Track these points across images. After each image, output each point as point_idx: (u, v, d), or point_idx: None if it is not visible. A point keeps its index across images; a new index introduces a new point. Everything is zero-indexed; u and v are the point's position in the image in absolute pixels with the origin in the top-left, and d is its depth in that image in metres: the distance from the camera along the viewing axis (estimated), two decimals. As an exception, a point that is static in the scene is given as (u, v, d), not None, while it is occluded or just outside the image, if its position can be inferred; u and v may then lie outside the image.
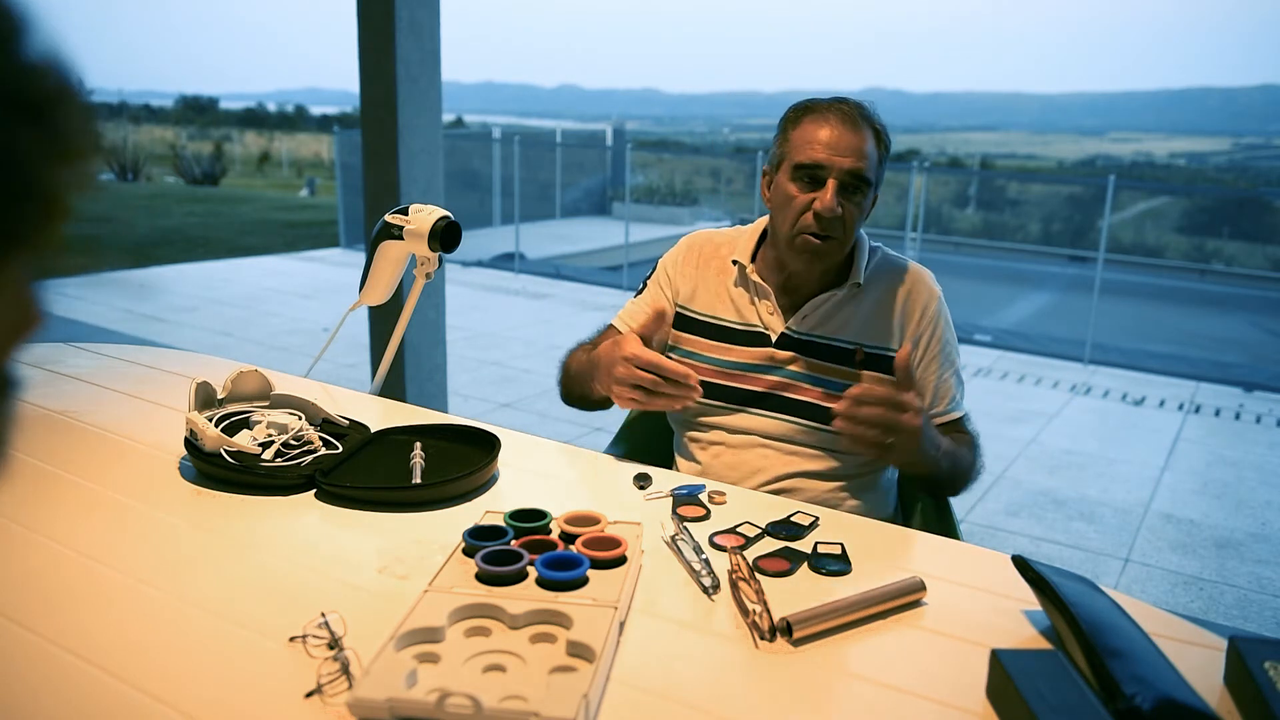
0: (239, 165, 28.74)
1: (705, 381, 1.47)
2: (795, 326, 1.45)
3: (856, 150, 1.34)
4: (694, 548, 1.04)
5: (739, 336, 1.48)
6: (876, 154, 1.38)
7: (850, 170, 1.34)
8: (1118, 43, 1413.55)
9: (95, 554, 1.02)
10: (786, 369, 1.45)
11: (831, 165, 1.34)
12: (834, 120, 1.36)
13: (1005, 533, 3.36)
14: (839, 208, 1.34)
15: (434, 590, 0.92)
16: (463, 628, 0.87)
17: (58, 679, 0.80)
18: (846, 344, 1.43)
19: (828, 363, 1.43)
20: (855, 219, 1.38)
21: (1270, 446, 4.48)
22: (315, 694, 0.78)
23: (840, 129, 1.35)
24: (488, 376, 5.19)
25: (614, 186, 13.06)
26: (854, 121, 1.36)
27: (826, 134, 1.35)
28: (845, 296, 1.44)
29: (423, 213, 1.52)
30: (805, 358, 1.44)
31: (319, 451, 1.29)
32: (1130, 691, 0.75)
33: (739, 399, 1.46)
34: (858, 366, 1.43)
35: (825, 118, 1.36)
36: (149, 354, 1.84)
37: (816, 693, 0.83)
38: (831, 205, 1.34)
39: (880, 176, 1.41)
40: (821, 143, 1.35)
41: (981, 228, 12.32)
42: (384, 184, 3.46)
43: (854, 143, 1.35)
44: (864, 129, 1.36)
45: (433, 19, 3.44)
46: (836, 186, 1.34)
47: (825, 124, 1.36)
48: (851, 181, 1.35)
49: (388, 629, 0.84)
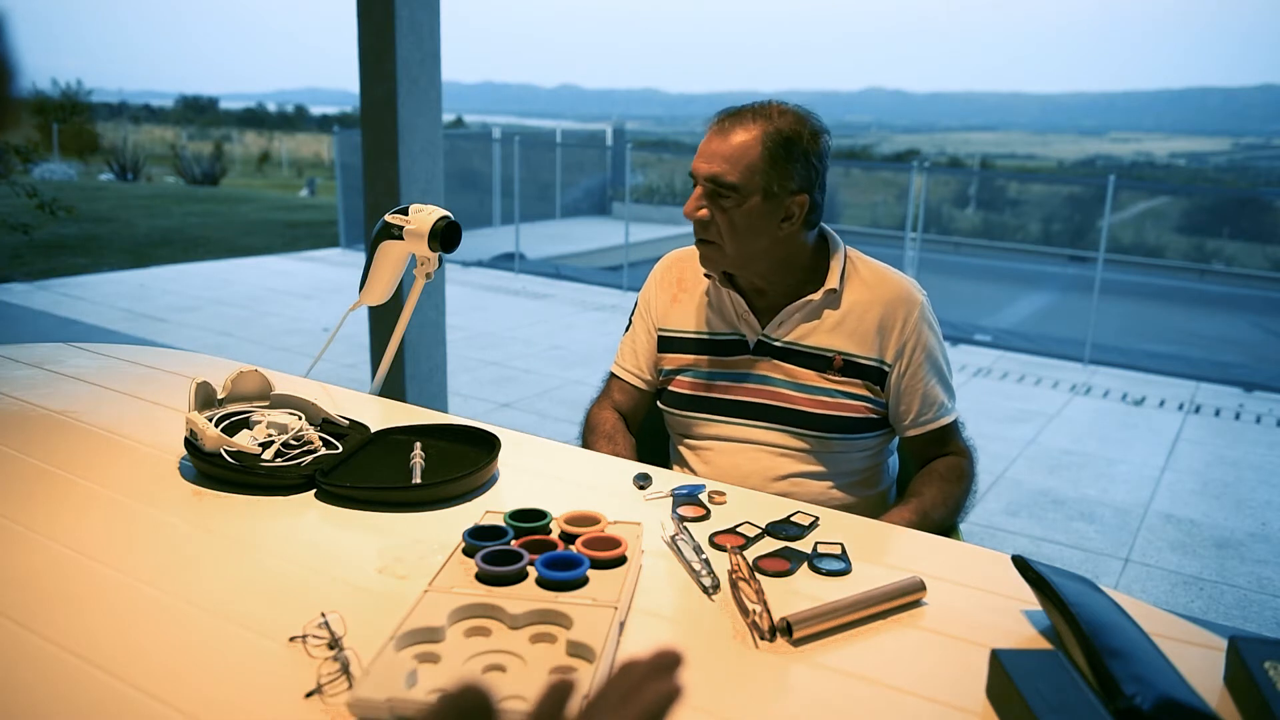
0: (239, 165, 28.74)
1: (692, 394, 1.49)
2: (771, 334, 1.46)
3: (715, 155, 1.35)
4: (694, 548, 1.04)
5: (719, 347, 1.50)
6: (758, 155, 1.33)
7: (706, 176, 1.36)
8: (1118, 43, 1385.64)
9: (95, 554, 1.02)
10: (768, 377, 1.46)
11: (697, 173, 1.38)
12: (714, 128, 1.38)
13: (1005, 533, 3.36)
14: (700, 212, 1.37)
15: (434, 590, 0.92)
16: (463, 628, 0.87)
17: (58, 679, 0.80)
18: (824, 352, 1.44)
19: (807, 369, 1.44)
20: (728, 224, 1.36)
21: (1270, 446, 4.48)
22: (315, 694, 0.78)
23: (710, 137, 1.38)
24: (488, 376, 5.19)
25: (614, 186, 13.06)
26: (726, 127, 1.36)
27: (703, 143, 1.39)
28: (821, 302, 1.44)
29: (423, 213, 1.52)
30: (783, 364, 1.45)
31: (319, 451, 1.29)
32: (1130, 691, 0.75)
33: (725, 409, 1.47)
34: (836, 373, 1.43)
35: (711, 126, 1.39)
36: (149, 354, 1.84)
37: (816, 693, 0.83)
38: (688, 211, 1.38)
39: (774, 179, 1.34)
40: (699, 151, 1.39)
41: (981, 228, 12.31)
42: (384, 184, 3.47)
43: (716, 149, 1.36)
44: (741, 133, 1.34)
45: (433, 19, 3.44)
46: (702, 193, 1.37)
47: (709, 132, 1.39)
48: (712, 188, 1.36)
49: (388, 629, 0.84)
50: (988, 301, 9.45)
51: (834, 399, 1.42)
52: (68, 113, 25.47)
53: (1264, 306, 9.43)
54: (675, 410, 1.53)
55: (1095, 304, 5.98)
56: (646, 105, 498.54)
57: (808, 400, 1.43)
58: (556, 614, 0.88)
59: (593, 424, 1.56)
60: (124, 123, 36.75)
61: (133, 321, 6.24)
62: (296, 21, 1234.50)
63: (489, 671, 0.81)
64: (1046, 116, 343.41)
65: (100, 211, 11.69)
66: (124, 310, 6.57)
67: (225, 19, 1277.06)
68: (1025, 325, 8.01)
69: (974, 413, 4.67)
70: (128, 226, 10.73)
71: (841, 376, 1.43)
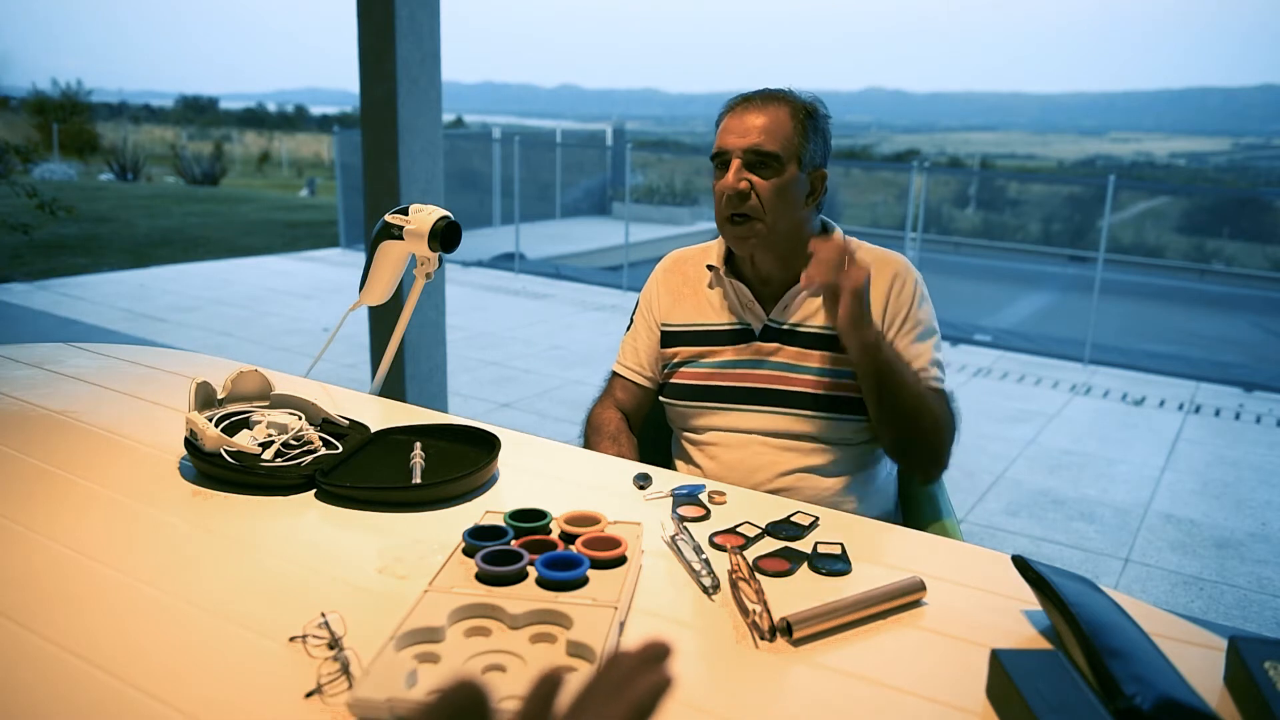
0: (239, 165, 28.74)
1: (697, 384, 1.49)
2: (776, 317, 1.48)
3: (754, 128, 1.39)
4: (694, 548, 1.04)
5: (723, 337, 1.50)
6: (791, 127, 1.39)
7: (748, 148, 1.39)
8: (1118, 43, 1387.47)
9: (95, 554, 1.02)
10: (774, 361, 1.47)
11: (732, 148, 1.40)
12: (738, 108, 1.42)
13: (1005, 533, 3.36)
14: (741, 184, 1.39)
15: (434, 590, 0.92)
16: (463, 628, 0.87)
17: (58, 679, 0.80)
18: (828, 330, 1.45)
19: (812, 349, 1.45)
20: (771, 193, 1.39)
21: (1270, 446, 4.48)
22: (315, 694, 0.78)
23: (741, 114, 1.41)
24: (488, 376, 5.19)
25: (614, 186, 13.06)
26: (754, 103, 1.41)
27: (729, 122, 1.42)
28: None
29: (423, 213, 1.52)
30: (790, 347, 1.46)
31: (319, 451, 1.29)
32: (1130, 691, 0.75)
33: (731, 397, 1.47)
34: (841, 349, 1.44)
35: (732, 109, 1.43)
36: (149, 354, 1.84)
37: (816, 693, 0.83)
38: (730, 183, 1.39)
39: (806, 150, 1.40)
40: (726, 130, 1.42)
41: (981, 228, 12.32)
42: (384, 184, 3.47)
43: (753, 122, 1.39)
44: (771, 108, 1.40)
45: (433, 19, 3.44)
46: (740, 165, 1.39)
47: (731, 114, 1.42)
48: (754, 159, 1.39)
49: (388, 629, 0.84)
50: (988, 301, 9.46)
51: (839, 379, 1.43)
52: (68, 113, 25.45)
53: (1264, 306, 9.43)
54: (678, 401, 1.52)
55: (1095, 304, 5.98)
56: (646, 105, 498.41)
57: (813, 381, 1.44)
58: (556, 614, 0.88)
59: (596, 424, 1.56)
60: (124, 123, 36.76)
61: (133, 321, 6.24)
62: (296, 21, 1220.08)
63: (489, 671, 0.81)
64: (1046, 116, 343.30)
65: (100, 211, 11.70)
66: (124, 310, 6.57)
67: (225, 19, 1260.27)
68: (1025, 325, 8.01)
69: (974, 413, 4.67)
70: (128, 226, 10.73)
71: (845, 353, 1.43)
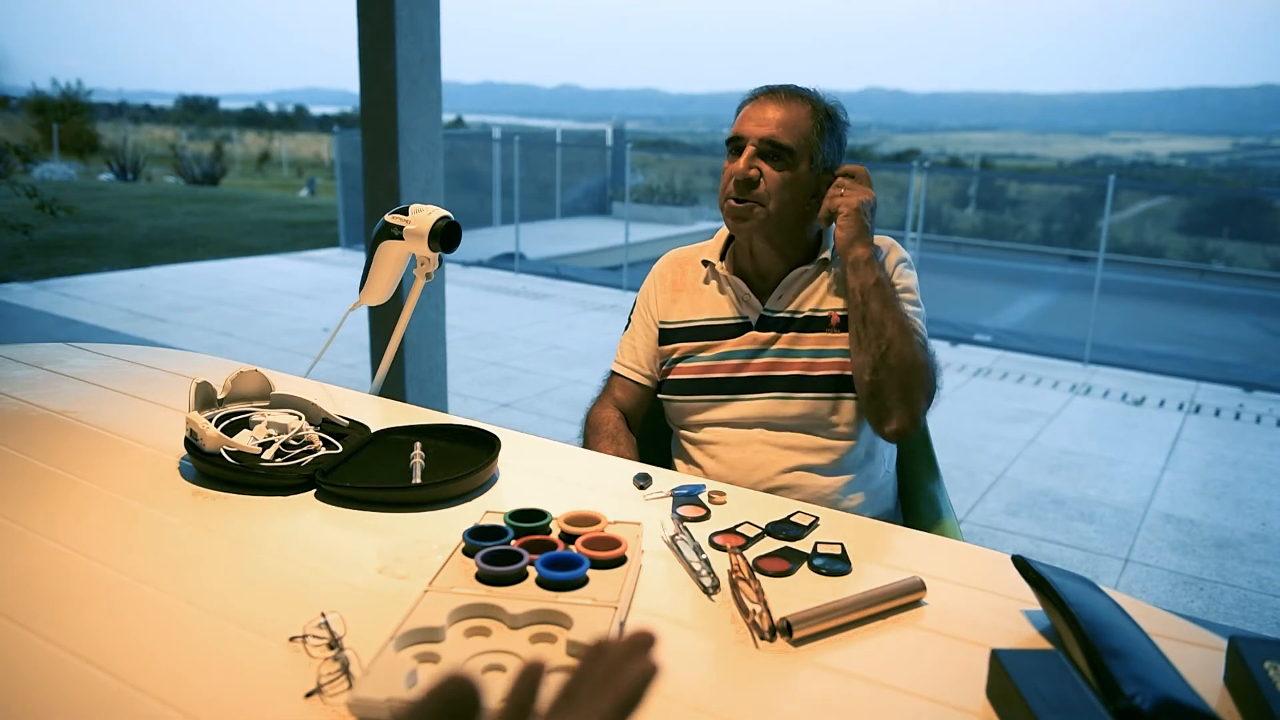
0: (239, 165, 28.74)
1: (696, 378, 1.49)
2: (772, 306, 1.50)
3: (773, 120, 1.42)
4: (694, 548, 1.04)
5: (722, 331, 1.52)
6: (810, 125, 1.43)
7: (764, 137, 1.41)
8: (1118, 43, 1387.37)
9: (95, 554, 1.02)
10: (771, 349, 1.48)
11: (748, 135, 1.43)
12: (761, 98, 1.45)
13: (1005, 533, 3.36)
14: (751, 170, 1.42)
15: (434, 590, 0.92)
16: (463, 628, 0.87)
17: (58, 679, 0.80)
18: (820, 312, 1.48)
19: (806, 333, 1.48)
20: (778, 184, 1.42)
21: (1270, 446, 4.48)
22: (315, 694, 0.78)
23: (763, 104, 1.44)
24: (488, 376, 5.19)
25: (614, 186, 13.06)
26: (778, 97, 1.44)
27: (750, 110, 1.45)
28: (815, 271, 1.50)
29: (423, 213, 1.52)
30: (786, 333, 1.48)
31: (319, 451, 1.29)
32: (1130, 691, 0.75)
33: (728, 388, 1.48)
34: (834, 330, 1.47)
35: (755, 98, 1.46)
36: (149, 354, 1.84)
37: (816, 693, 0.83)
38: (741, 168, 1.42)
39: (820, 150, 1.44)
40: (745, 118, 1.45)
41: (981, 228, 12.32)
42: (384, 184, 3.47)
43: (773, 114, 1.42)
44: (793, 103, 1.43)
45: (433, 19, 3.44)
46: (753, 153, 1.42)
47: (753, 103, 1.45)
48: (768, 149, 1.42)
49: (388, 629, 0.84)
50: (988, 301, 9.46)
51: (833, 359, 1.45)
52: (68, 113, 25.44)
53: (1264, 306, 9.43)
54: (677, 396, 1.53)
55: (1095, 304, 5.98)
56: (646, 105, 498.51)
57: (805, 363, 1.46)
58: (556, 614, 0.88)
59: (595, 424, 1.56)
60: (124, 123, 36.76)
61: (133, 321, 6.24)
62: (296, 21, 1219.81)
63: (489, 672, 0.81)
64: (1046, 116, 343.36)
65: (100, 211, 11.70)
66: (124, 310, 6.57)
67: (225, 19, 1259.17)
68: (1025, 325, 8.01)
69: (974, 413, 4.67)
70: (128, 226, 10.73)
71: (839, 332, 1.46)
